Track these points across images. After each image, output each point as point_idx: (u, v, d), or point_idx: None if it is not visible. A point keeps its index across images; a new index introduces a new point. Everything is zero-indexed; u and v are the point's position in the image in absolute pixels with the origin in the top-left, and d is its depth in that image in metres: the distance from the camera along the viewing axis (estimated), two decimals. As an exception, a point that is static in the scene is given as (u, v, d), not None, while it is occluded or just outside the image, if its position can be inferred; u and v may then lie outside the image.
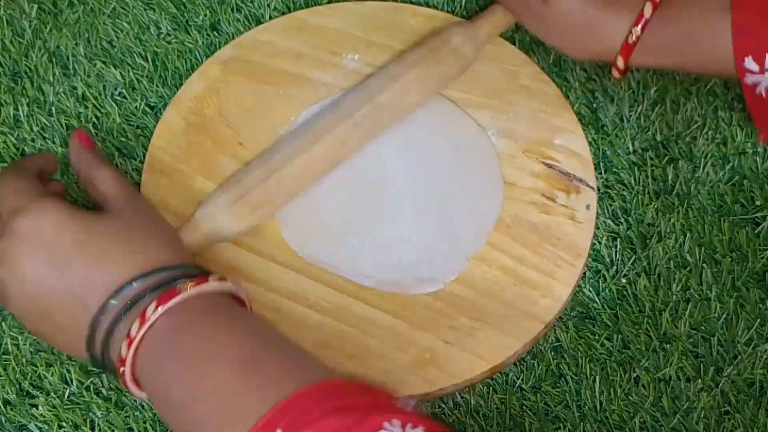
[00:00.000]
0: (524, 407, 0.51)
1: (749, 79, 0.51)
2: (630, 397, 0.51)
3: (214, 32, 0.65)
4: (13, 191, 0.47)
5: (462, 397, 0.51)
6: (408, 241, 0.55)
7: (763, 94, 0.51)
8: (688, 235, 0.56)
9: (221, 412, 0.40)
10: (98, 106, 0.62)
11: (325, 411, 0.38)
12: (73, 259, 0.45)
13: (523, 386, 0.51)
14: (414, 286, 0.53)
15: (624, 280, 0.55)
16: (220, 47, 0.64)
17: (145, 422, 0.50)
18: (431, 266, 0.54)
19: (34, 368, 0.52)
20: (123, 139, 0.60)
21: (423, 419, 0.38)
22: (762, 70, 0.50)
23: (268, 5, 0.66)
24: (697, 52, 0.53)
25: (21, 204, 0.46)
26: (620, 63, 0.54)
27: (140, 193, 0.53)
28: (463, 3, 0.66)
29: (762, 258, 0.55)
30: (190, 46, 0.64)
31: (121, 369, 0.43)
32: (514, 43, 0.63)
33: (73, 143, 0.53)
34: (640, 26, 0.52)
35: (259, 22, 0.65)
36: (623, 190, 0.58)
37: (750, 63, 0.50)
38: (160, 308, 0.42)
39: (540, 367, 0.52)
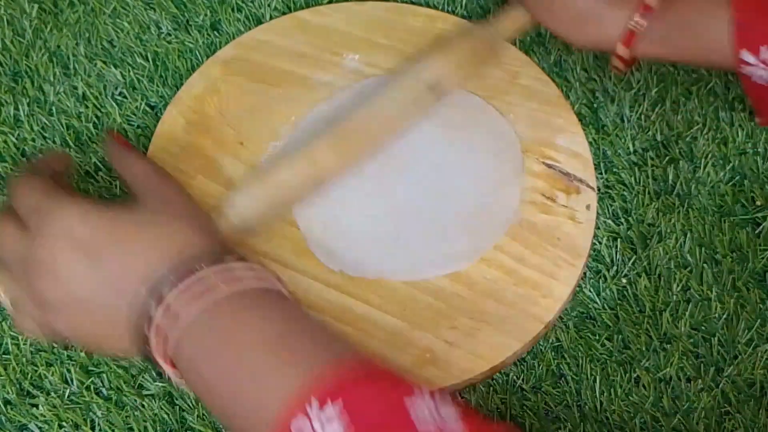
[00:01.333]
0: (525, 407, 0.51)
1: (745, 70, 0.52)
2: (630, 398, 0.51)
3: (215, 32, 0.65)
4: (31, 195, 0.46)
5: (462, 397, 0.51)
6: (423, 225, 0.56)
7: (759, 81, 0.53)
8: (689, 235, 0.56)
9: (254, 387, 0.40)
10: (99, 106, 0.62)
11: (358, 379, 0.39)
12: (106, 250, 0.44)
13: (524, 386, 0.51)
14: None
15: (624, 281, 0.54)
16: (220, 47, 0.64)
17: (145, 421, 0.50)
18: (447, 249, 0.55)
19: (35, 368, 0.52)
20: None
21: (447, 396, 0.40)
22: (758, 63, 0.51)
23: (269, 5, 0.66)
24: (695, 43, 0.54)
25: (43, 206, 0.45)
26: (621, 50, 0.55)
27: (170, 177, 0.51)
28: (464, 3, 0.66)
29: (762, 258, 0.55)
30: (191, 45, 0.64)
31: (156, 359, 0.43)
32: (514, 44, 0.63)
33: (108, 139, 0.52)
34: (639, 15, 0.54)
35: (259, 22, 0.65)
36: (624, 190, 0.58)
37: (746, 55, 0.51)
38: (187, 302, 0.42)
39: (540, 367, 0.52)
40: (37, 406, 0.51)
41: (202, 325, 0.42)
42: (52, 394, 0.51)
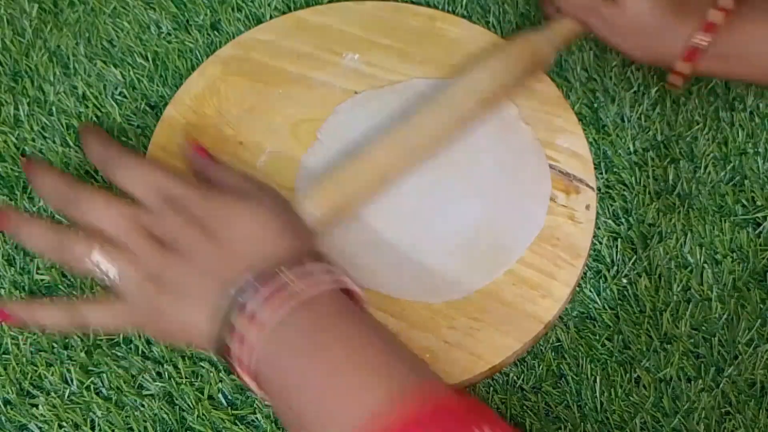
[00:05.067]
0: (525, 407, 0.51)
1: None
2: (631, 398, 0.51)
3: (215, 31, 0.65)
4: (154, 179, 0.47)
5: (462, 397, 0.51)
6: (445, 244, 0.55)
7: None
8: (689, 235, 0.56)
9: (321, 411, 0.41)
10: (99, 106, 0.62)
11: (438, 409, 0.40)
12: (221, 233, 0.45)
13: (524, 386, 0.51)
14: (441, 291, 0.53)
15: (625, 281, 0.54)
16: (220, 46, 0.64)
17: (145, 421, 0.50)
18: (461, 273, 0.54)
19: (35, 368, 0.52)
20: (123, 138, 0.60)
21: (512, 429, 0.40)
22: None
23: (269, 5, 0.66)
24: (759, 63, 0.53)
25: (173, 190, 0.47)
26: (681, 66, 0.55)
27: (264, 183, 0.51)
28: (464, 3, 0.66)
29: (763, 258, 0.55)
30: (191, 45, 0.64)
31: (233, 363, 0.44)
32: (514, 43, 0.63)
33: (188, 151, 0.53)
34: (703, 32, 0.53)
35: (259, 22, 0.65)
36: (624, 190, 0.58)
37: None
38: (270, 311, 0.43)
39: (540, 368, 0.52)
40: (37, 406, 0.51)
41: (284, 330, 0.42)
42: (52, 394, 0.51)
